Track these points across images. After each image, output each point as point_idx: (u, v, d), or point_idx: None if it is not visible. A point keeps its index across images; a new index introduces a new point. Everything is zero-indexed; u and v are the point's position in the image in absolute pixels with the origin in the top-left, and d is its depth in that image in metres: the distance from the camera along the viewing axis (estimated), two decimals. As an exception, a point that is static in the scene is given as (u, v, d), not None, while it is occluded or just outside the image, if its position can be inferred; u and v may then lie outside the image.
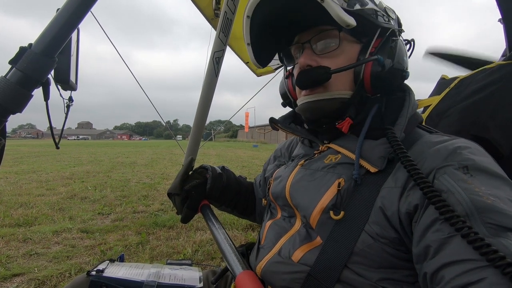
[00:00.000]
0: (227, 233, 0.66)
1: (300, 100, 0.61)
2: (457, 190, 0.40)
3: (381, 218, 0.46)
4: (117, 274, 0.72)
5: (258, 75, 2.66)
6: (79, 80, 0.80)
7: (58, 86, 0.71)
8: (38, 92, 0.56)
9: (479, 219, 0.37)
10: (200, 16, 2.03)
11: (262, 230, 0.67)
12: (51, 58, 0.52)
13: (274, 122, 0.69)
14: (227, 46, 0.83)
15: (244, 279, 0.50)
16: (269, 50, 0.68)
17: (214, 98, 0.84)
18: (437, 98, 0.93)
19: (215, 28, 1.87)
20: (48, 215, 3.16)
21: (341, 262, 0.47)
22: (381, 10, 0.57)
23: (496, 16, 0.96)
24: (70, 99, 0.80)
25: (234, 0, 0.79)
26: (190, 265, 0.87)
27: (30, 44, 0.51)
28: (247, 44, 0.63)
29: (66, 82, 0.69)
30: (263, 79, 2.66)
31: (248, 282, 0.49)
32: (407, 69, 0.58)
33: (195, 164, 0.85)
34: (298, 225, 0.58)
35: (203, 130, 0.87)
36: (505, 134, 0.76)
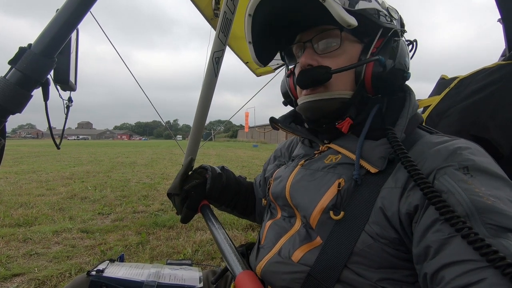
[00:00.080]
0: (227, 233, 0.66)
1: (300, 100, 0.61)
2: (457, 190, 0.40)
3: (381, 219, 0.46)
4: (117, 274, 0.72)
5: (257, 75, 2.65)
6: (79, 80, 0.80)
7: (58, 86, 0.71)
8: (37, 92, 0.56)
9: (479, 219, 0.37)
10: (199, 16, 2.04)
11: (262, 230, 0.67)
12: (51, 59, 0.52)
13: (274, 121, 0.69)
14: (227, 46, 0.83)
15: (244, 279, 0.50)
16: (270, 48, 0.68)
17: (214, 98, 0.84)
18: (437, 98, 0.93)
19: (214, 28, 1.87)
20: (48, 215, 3.16)
21: (341, 262, 0.47)
22: (384, 10, 0.57)
23: (496, 16, 0.96)
24: (70, 100, 0.80)
25: (233, 0, 0.79)
26: (190, 265, 0.87)
27: (30, 45, 0.51)
28: (248, 43, 0.63)
29: (65, 83, 0.69)
30: (263, 79, 2.66)
31: (248, 282, 0.49)
32: (408, 70, 0.58)
33: (195, 164, 0.85)
34: (298, 225, 0.58)
35: (203, 130, 0.87)
36: (505, 134, 0.76)
